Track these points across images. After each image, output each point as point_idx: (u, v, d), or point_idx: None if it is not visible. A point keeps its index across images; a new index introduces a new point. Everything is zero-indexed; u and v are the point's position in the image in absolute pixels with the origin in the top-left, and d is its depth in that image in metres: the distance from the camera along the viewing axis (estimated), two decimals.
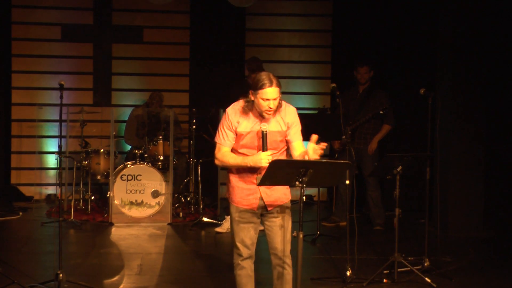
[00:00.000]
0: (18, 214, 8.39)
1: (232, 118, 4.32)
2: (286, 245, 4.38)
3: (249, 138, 4.31)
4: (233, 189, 4.40)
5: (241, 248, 4.39)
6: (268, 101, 4.21)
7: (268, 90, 4.19)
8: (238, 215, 4.38)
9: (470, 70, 7.64)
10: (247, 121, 4.31)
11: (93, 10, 9.68)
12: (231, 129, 4.32)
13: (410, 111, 8.88)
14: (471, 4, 7.60)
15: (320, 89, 9.88)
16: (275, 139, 4.32)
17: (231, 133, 4.33)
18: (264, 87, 4.19)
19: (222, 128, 4.35)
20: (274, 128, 4.32)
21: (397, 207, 5.72)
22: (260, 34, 9.90)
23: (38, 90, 9.61)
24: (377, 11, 9.37)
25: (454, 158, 7.68)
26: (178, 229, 7.79)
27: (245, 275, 4.42)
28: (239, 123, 4.31)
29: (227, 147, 4.35)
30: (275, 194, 4.36)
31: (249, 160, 4.24)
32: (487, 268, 6.33)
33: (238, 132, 4.31)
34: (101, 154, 8.46)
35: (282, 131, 4.34)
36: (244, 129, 4.30)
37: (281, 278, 4.41)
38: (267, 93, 4.19)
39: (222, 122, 4.37)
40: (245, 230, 4.38)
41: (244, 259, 4.40)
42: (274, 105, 4.24)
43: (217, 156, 4.38)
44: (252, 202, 4.35)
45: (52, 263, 5.76)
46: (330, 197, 9.40)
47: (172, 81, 9.83)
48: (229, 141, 4.34)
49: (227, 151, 4.35)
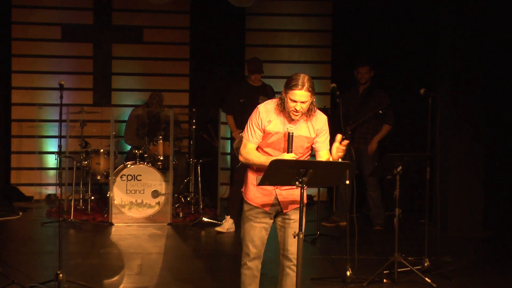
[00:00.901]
0: (18, 214, 8.39)
1: (263, 116, 4.30)
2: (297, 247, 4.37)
3: (276, 138, 4.30)
4: (249, 186, 4.39)
5: (250, 248, 4.37)
6: (296, 103, 4.18)
7: (297, 92, 4.16)
8: (251, 213, 4.37)
9: (470, 70, 7.64)
10: (277, 121, 4.29)
11: (93, 10, 9.68)
12: (259, 127, 4.31)
13: (410, 111, 8.88)
14: (471, 4, 7.60)
15: (320, 89, 9.80)
16: (301, 144, 4.30)
17: (259, 131, 4.31)
18: (294, 88, 4.16)
19: (251, 125, 4.33)
20: (303, 133, 4.31)
21: (397, 207, 5.72)
22: (260, 34, 9.90)
23: (38, 90, 9.61)
24: (377, 11, 9.37)
25: (454, 158, 7.68)
26: (178, 229, 7.79)
27: (250, 276, 4.41)
28: (270, 122, 4.29)
29: (253, 144, 4.34)
30: (291, 197, 4.33)
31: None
32: (487, 268, 6.34)
33: (267, 131, 4.30)
34: (101, 154, 8.46)
35: (310, 137, 4.32)
36: (273, 128, 4.29)
37: (289, 280, 4.39)
38: (295, 95, 4.17)
39: (252, 118, 4.34)
40: (256, 230, 4.36)
41: (252, 259, 4.38)
42: (302, 108, 4.21)
43: (241, 152, 4.36)
44: (267, 202, 4.33)
45: (52, 263, 5.76)
46: (330, 197, 9.40)
47: (172, 81, 9.83)
48: (256, 139, 4.33)
49: (252, 149, 4.33)
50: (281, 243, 4.43)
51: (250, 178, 4.40)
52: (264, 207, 4.35)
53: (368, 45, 9.37)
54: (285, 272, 4.41)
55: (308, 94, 4.18)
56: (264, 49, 9.76)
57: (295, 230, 4.22)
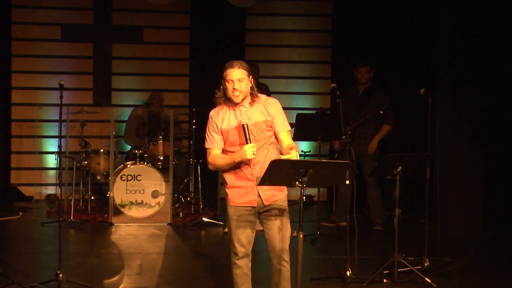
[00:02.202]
0: (18, 214, 8.39)
1: (216, 119, 4.40)
2: (284, 243, 4.39)
3: (235, 135, 4.35)
4: (230, 189, 4.42)
5: (237, 247, 4.39)
6: (233, 83, 4.29)
7: (231, 71, 4.30)
8: (235, 213, 4.40)
9: (470, 70, 7.64)
10: (229, 118, 4.37)
11: (93, 10, 9.69)
12: (216, 130, 4.39)
13: (410, 111, 8.88)
14: (471, 4, 7.60)
15: (320, 89, 9.88)
16: (261, 129, 4.35)
17: (217, 135, 4.39)
18: (228, 68, 4.32)
19: (208, 132, 4.42)
20: (259, 118, 4.36)
21: (397, 207, 5.72)
22: (260, 34, 9.90)
23: (38, 90, 9.62)
24: (377, 11, 9.36)
25: (454, 158, 7.67)
26: (178, 229, 7.79)
27: (241, 274, 4.42)
28: (223, 120, 4.37)
29: (216, 149, 4.41)
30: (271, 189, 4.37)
31: (236, 156, 4.28)
32: (487, 268, 6.33)
33: (223, 130, 4.37)
34: (101, 154, 8.46)
35: (267, 120, 4.37)
36: (226, 126, 4.36)
37: (280, 276, 4.43)
38: (230, 74, 4.29)
39: (207, 126, 4.44)
40: (242, 229, 4.39)
41: (240, 258, 4.41)
42: (240, 87, 4.29)
43: (208, 160, 4.46)
44: (251, 199, 4.36)
45: (52, 263, 5.75)
46: (330, 197, 9.40)
47: (172, 81, 9.83)
48: (217, 143, 4.41)
49: (216, 154, 4.41)
50: (267, 240, 4.45)
51: (229, 182, 4.43)
52: (246, 205, 4.37)
53: (368, 45, 9.37)
54: (275, 268, 4.44)
55: (243, 71, 4.31)
56: (264, 49, 9.77)
57: (279, 225, 4.34)
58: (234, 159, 4.29)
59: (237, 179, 4.37)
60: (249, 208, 4.38)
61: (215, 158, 4.41)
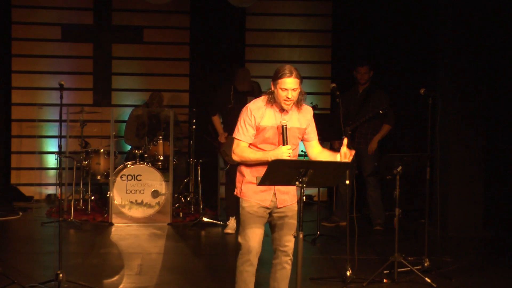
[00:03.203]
0: (18, 214, 8.39)
1: (256, 113, 4.35)
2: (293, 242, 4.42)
3: (271, 133, 4.34)
4: (246, 184, 4.39)
5: (252, 243, 4.35)
6: (287, 91, 4.28)
7: (287, 80, 4.27)
8: (252, 209, 4.37)
9: (470, 70, 7.64)
10: (269, 116, 4.35)
11: (93, 10, 9.68)
12: (252, 124, 4.35)
13: (410, 111, 8.88)
14: (471, 4, 7.60)
15: (320, 89, 9.88)
16: (294, 135, 4.38)
17: (251, 129, 4.35)
18: (284, 76, 4.28)
19: (243, 123, 4.37)
20: (295, 124, 4.39)
21: (397, 207, 5.72)
22: (260, 34, 9.90)
23: (38, 90, 9.62)
24: (377, 11, 9.37)
25: (454, 158, 7.68)
26: (178, 229, 7.79)
27: (252, 273, 4.41)
28: (262, 117, 4.34)
29: (245, 142, 4.37)
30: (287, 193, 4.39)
31: (270, 155, 4.25)
32: (487, 268, 6.33)
33: (261, 126, 4.34)
34: (101, 154, 8.46)
35: (301, 128, 4.42)
36: (267, 123, 4.34)
37: (285, 273, 4.45)
38: (286, 83, 4.27)
39: (242, 117, 4.38)
40: (257, 224, 4.37)
41: (255, 255, 4.38)
42: (293, 96, 4.30)
43: (235, 151, 4.39)
44: (266, 198, 4.36)
45: (52, 263, 5.75)
46: (330, 197, 9.40)
47: (172, 81, 9.83)
48: (249, 137, 4.37)
49: (245, 146, 4.37)
50: (277, 239, 4.45)
51: (247, 176, 4.40)
52: (263, 203, 4.37)
53: (368, 45, 9.37)
54: (281, 266, 4.45)
55: (297, 81, 4.32)
56: (264, 49, 9.77)
57: (291, 227, 4.35)
58: (268, 157, 4.25)
59: (254, 176, 4.32)
60: (263, 207, 4.38)
61: (244, 150, 4.36)
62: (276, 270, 4.47)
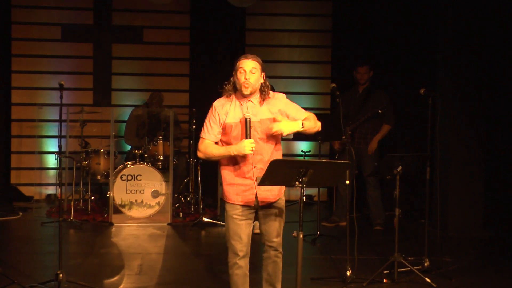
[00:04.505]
0: (18, 214, 8.39)
1: (220, 111, 4.34)
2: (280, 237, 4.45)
3: (235, 130, 4.31)
4: (227, 186, 4.38)
5: (238, 247, 4.34)
6: (244, 73, 4.27)
7: (244, 61, 4.29)
8: (235, 212, 4.35)
9: (470, 70, 7.64)
10: (234, 112, 4.32)
11: (93, 10, 9.69)
12: (217, 122, 4.34)
13: (410, 111, 8.88)
14: (471, 4, 7.60)
15: (320, 89, 9.88)
16: (266, 127, 4.31)
17: (216, 127, 4.34)
18: (242, 58, 4.33)
19: (208, 122, 4.37)
20: (265, 116, 4.33)
21: (397, 207, 5.72)
22: (260, 34, 9.90)
23: (38, 90, 9.62)
24: (377, 11, 9.37)
25: (454, 158, 7.68)
26: (178, 229, 7.79)
27: (242, 275, 4.39)
28: (227, 114, 4.31)
29: (210, 140, 4.36)
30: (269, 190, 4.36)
31: (233, 149, 4.23)
32: (487, 268, 6.33)
33: (227, 124, 4.31)
34: (101, 154, 8.46)
35: (273, 118, 4.32)
36: (232, 120, 4.31)
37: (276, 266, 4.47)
38: (243, 63, 4.28)
39: (208, 116, 4.38)
40: (243, 227, 4.36)
41: (242, 257, 4.37)
42: (252, 78, 4.26)
43: (199, 148, 4.38)
44: (249, 198, 4.34)
45: (52, 263, 5.75)
46: (330, 197, 9.40)
47: (172, 81, 9.83)
48: (213, 135, 4.35)
49: (209, 143, 4.35)
50: (264, 235, 4.45)
51: (227, 179, 4.38)
52: (243, 203, 4.35)
53: (368, 45, 9.37)
54: (272, 260, 4.46)
55: (256, 63, 4.30)
56: (264, 49, 9.76)
57: (277, 223, 4.37)
58: (230, 152, 4.24)
59: (236, 176, 4.33)
60: (246, 207, 4.36)
61: (208, 147, 4.35)
62: (268, 263, 4.49)
